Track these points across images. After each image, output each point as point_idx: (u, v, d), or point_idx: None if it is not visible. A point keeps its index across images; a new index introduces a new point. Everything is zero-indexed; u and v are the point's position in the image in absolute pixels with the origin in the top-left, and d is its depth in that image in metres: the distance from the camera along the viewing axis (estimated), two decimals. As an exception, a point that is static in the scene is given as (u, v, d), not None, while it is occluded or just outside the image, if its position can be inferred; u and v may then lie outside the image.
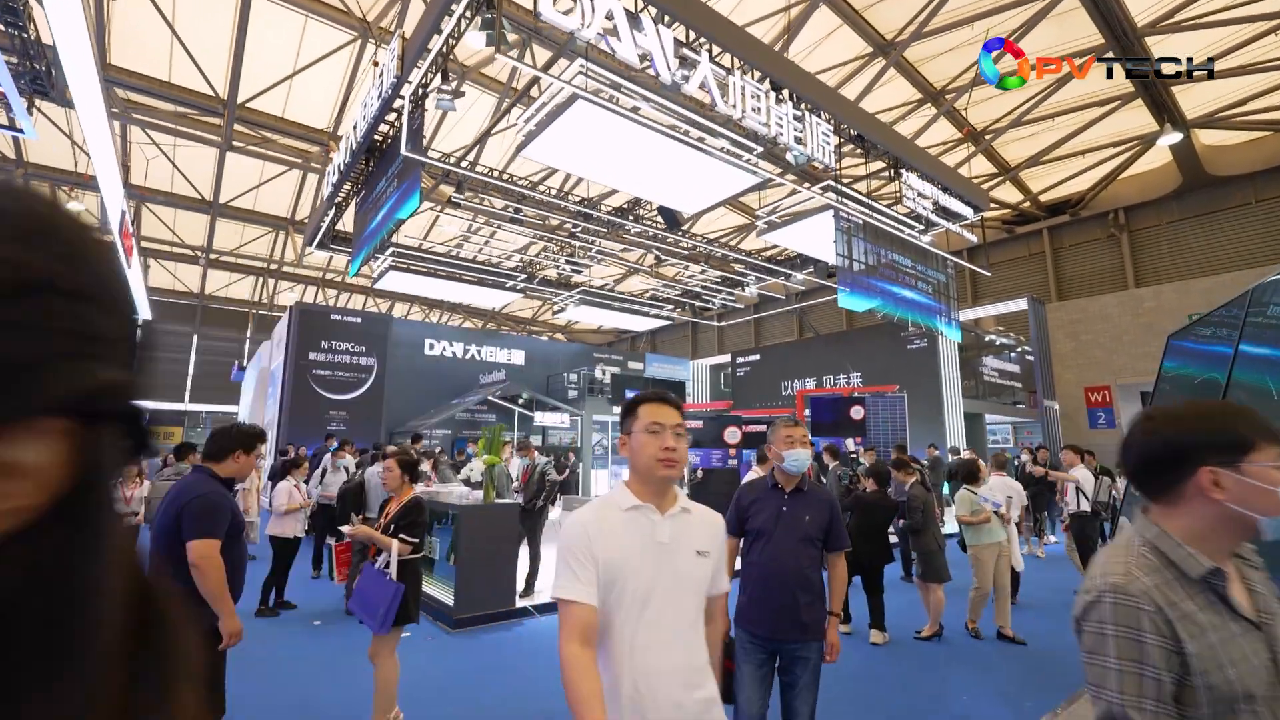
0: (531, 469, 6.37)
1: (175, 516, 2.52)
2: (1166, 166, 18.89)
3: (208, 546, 2.50)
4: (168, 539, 2.52)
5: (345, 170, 10.94)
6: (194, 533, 2.49)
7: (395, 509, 3.50)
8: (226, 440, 2.74)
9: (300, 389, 13.38)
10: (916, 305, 11.26)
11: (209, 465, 2.70)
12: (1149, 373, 18.36)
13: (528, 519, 6.30)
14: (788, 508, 2.71)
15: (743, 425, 9.31)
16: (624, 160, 9.07)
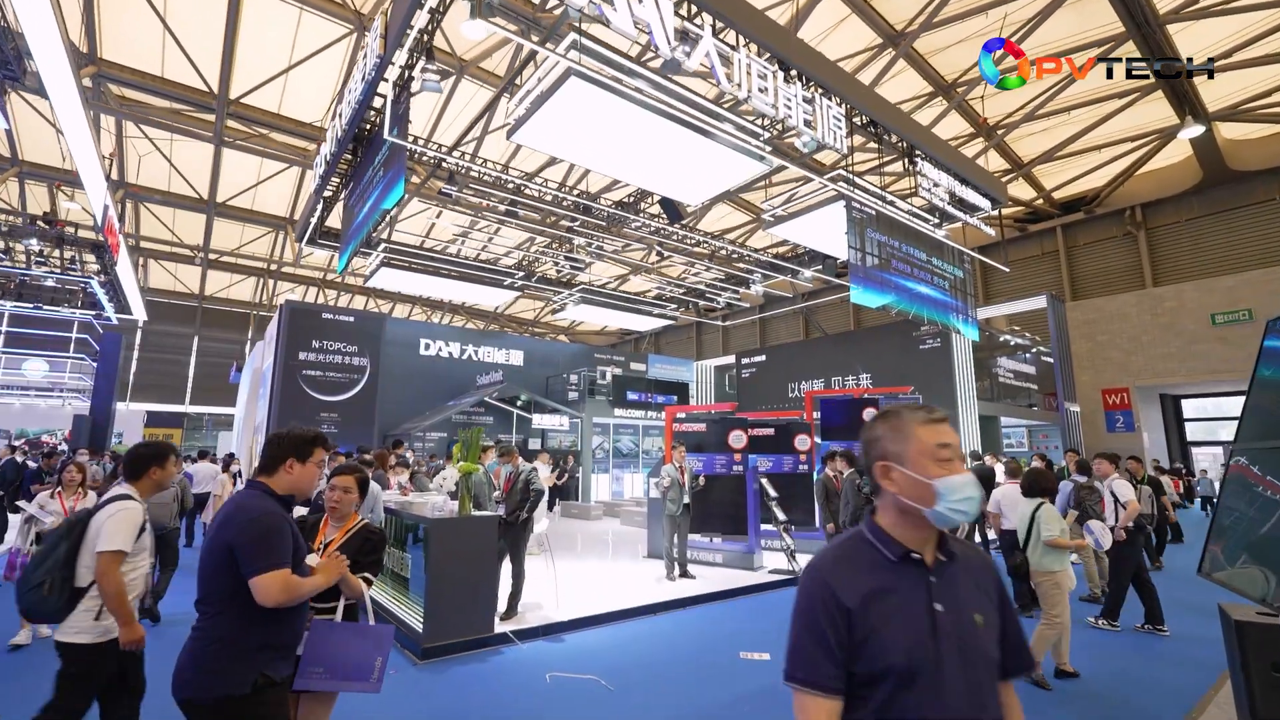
0: (514, 477, 5.66)
1: (226, 545, 2.03)
2: (1186, 161, 18.07)
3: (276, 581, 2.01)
4: (222, 577, 2.03)
5: (332, 161, 10.30)
6: (253, 567, 2.00)
7: (342, 538, 2.74)
8: (277, 448, 2.25)
9: (290, 390, 12.73)
10: (932, 302, 10.51)
11: (262, 480, 2.21)
12: (1169, 374, 17.54)
13: (509, 533, 5.58)
14: (943, 602, 1.21)
15: (749, 428, 8.57)
16: (622, 146, 8.36)
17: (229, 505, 2.14)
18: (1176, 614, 6.12)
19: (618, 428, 16.55)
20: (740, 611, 6.37)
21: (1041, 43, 13.71)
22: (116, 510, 2.65)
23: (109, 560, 2.57)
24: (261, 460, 2.23)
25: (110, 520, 2.62)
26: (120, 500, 2.71)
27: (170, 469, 2.90)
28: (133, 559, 2.74)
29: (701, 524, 8.25)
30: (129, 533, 2.65)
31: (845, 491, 6.73)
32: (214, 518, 2.15)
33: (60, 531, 2.68)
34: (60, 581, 2.56)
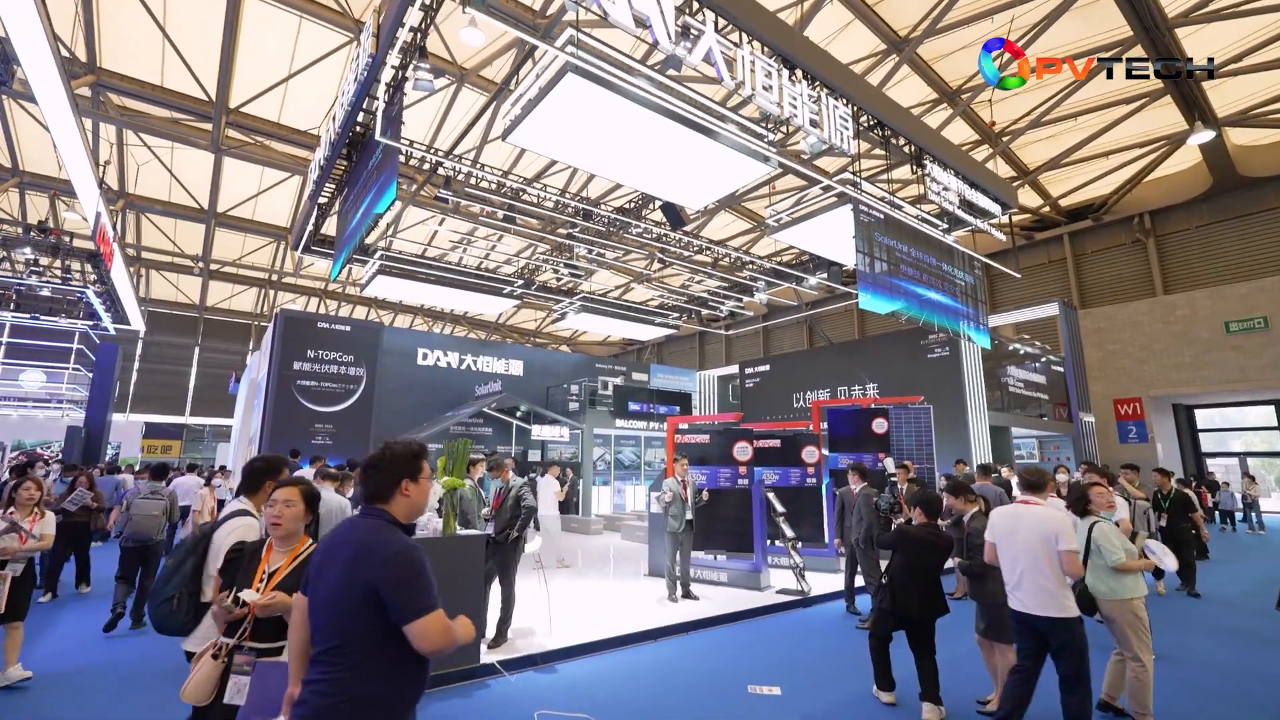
0: (504, 492, 5.23)
1: (368, 585, 1.70)
2: (1195, 168, 17.69)
3: (438, 624, 1.72)
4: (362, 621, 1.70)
5: (326, 166, 9.98)
6: (412, 610, 1.70)
7: (289, 565, 2.30)
8: (388, 470, 1.90)
9: (284, 400, 12.33)
10: (942, 308, 10.09)
11: (380, 508, 1.87)
12: (1183, 384, 17.03)
13: (499, 553, 5.14)
14: None
15: (754, 440, 8.12)
16: (621, 147, 8.01)
17: (355, 537, 1.78)
18: (1235, 646, 5.63)
19: (619, 439, 16.10)
20: (747, 637, 5.90)
21: (1048, 48, 13.40)
22: (234, 527, 2.59)
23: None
24: (371, 487, 1.88)
25: (228, 537, 2.56)
26: (238, 516, 2.65)
27: (267, 486, 2.79)
28: None
29: (705, 541, 7.79)
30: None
31: (858, 508, 6.29)
32: (332, 551, 1.81)
33: (187, 546, 2.64)
34: (187, 596, 2.53)
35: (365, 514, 1.85)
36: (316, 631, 1.76)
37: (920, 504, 4.21)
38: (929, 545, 4.10)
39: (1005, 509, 3.87)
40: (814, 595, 7.11)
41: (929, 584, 4.11)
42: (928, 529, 4.16)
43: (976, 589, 4.25)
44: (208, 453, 25.34)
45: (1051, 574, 3.50)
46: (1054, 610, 3.47)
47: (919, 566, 4.11)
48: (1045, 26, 12.60)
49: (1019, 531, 3.64)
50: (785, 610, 6.84)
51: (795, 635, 5.99)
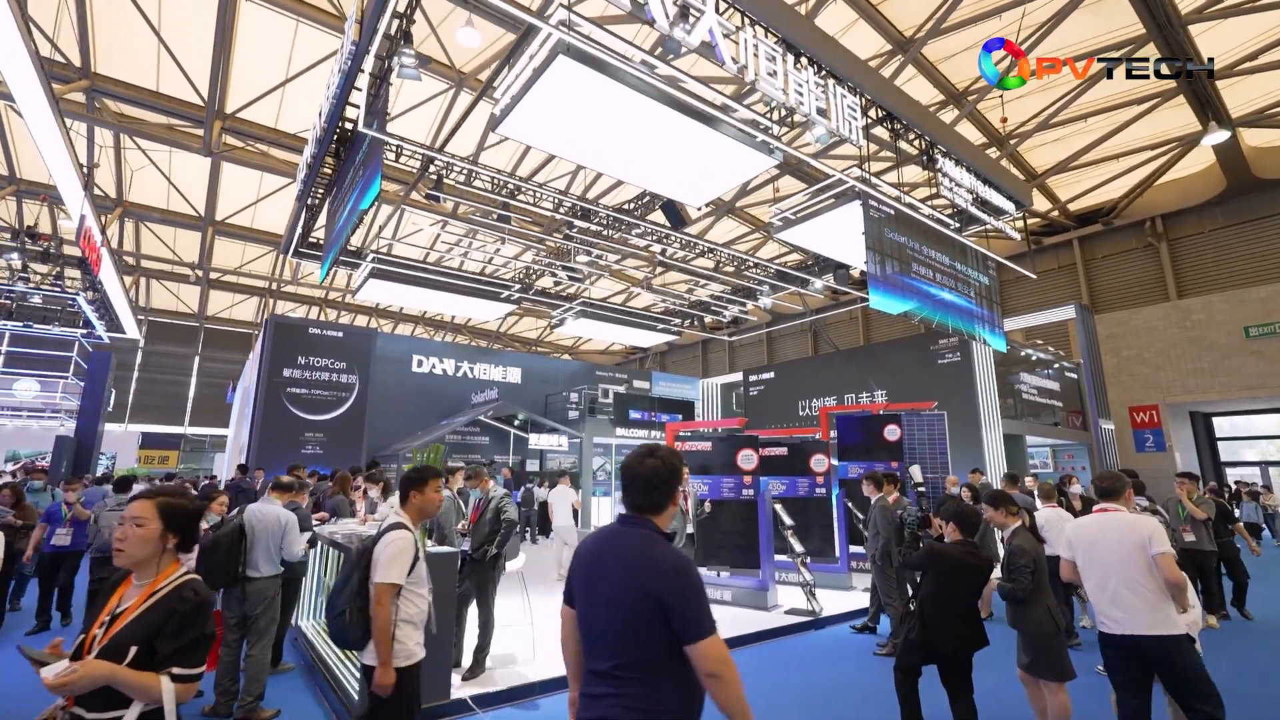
0: (483, 504, 4.64)
1: (653, 598, 1.62)
2: (1207, 170, 17.10)
3: (721, 647, 1.63)
4: (649, 635, 1.63)
5: (313, 164, 9.52)
6: (701, 628, 1.62)
7: (141, 604, 1.70)
8: (667, 479, 1.81)
9: (273, 409, 11.80)
10: (956, 309, 9.50)
11: (650, 519, 1.81)
12: (1201, 390, 16.32)
13: (476, 572, 4.55)
14: None
15: (760, 447, 7.47)
16: (617, 138, 7.49)
17: (626, 547, 1.72)
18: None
19: (620, 448, 15.48)
20: (753, 664, 5.27)
21: (1057, 46, 12.90)
22: (389, 541, 2.56)
23: (381, 592, 2.49)
24: (647, 497, 1.78)
25: (384, 551, 2.55)
26: (393, 530, 2.60)
27: (430, 493, 2.75)
28: (413, 590, 2.62)
29: (707, 556, 7.16)
30: (402, 564, 2.54)
31: (874, 520, 5.66)
32: (600, 561, 1.76)
33: (353, 560, 2.65)
34: (356, 611, 2.52)
35: (631, 523, 1.78)
36: (595, 644, 1.71)
37: (954, 518, 3.60)
38: (965, 567, 3.49)
39: (1083, 520, 3.33)
40: (826, 615, 6.47)
41: (965, 612, 3.50)
42: (963, 547, 3.55)
43: (1019, 617, 3.63)
44: (206, 463, 24.83)
45: (1150, 585, 2.97)
46: (1159, 627, 2.93)
47: (953, 592, 3.50)
48: (1055, 24, 12.12)
49: (1104, 542, 3.14)
50: (795, 633, 6.20)
51: (807, 662, 5.35)
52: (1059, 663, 3.46)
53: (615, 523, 1.84)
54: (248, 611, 4.06)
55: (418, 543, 2.65)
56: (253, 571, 4.09)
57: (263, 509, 4.21)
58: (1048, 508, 5.81)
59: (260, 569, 4.11)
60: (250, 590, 4.07)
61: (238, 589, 4.10)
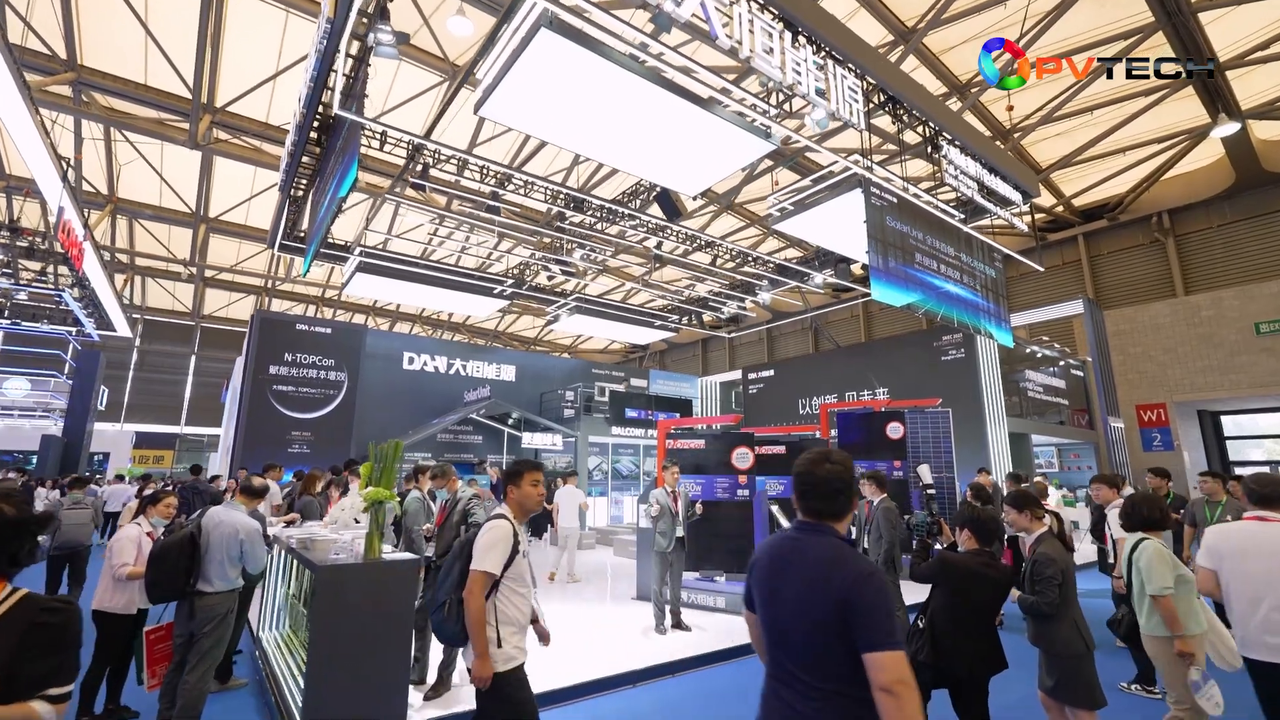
0: (449, 506, 4.21)
1: (842, 604, 1.55)
2: (1216, 164, 16.59)
3: (904, 660, 1.53)
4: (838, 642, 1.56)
5: (294, 151, 9.10)
6: (883, 637, 1.52)
7: None
8: (848, 481, 1.76)
9: (258, 407, 11.39)
10: (962, 302, 9.04)
11: (829, 524, 1.74)
12: (1210, 388, 15.80)
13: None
14: None
15: (755, 445, 7.01)
16: (606, 121, 7.07)
17: (812, 552, 1.69)
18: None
19: (617, 447, 15.05)
20: (747, 679, 4.83)
21: (1063, 36, 12.46)
22: (487, 529, 2.51)
23: (473, 580, 2.41)
24: (831, 504, 1.74)
25: (481, 539, 2.49)
26: (494, 520, 2.56)
27: (527, 487, 2.64)
28: (511, 586, 2.50)
29: (700, 560, 6.72)
30: (498, 553, 2.45)
31: (876, 523, 5.21)
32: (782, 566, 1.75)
33: (455, 550, 2.59)
34: (455, 604, 2.45)
35: (812, 530, 1.75)
36: (782, 650, 1.71)
37: (969, 524, 3.15)
38: (982, 579, 3.03)
39: (1229, 527, 2.93)
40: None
41: (981, 630, 3.05)
42: (980, 557, 3.10)
43: (1043, 634, 3.18)
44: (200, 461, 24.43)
45: None
46: None
47: (968, 607, 3.05)
48: (1060, 13, 11.67)
49: (1257, 554, 2.72)
50: (792, 643, 5.75)
51: (804, 676, 4.91)
52: (1089, 687, 3.00)
53: (792, 530, 1.81)
54: (194, 630, 3.58)
55: (518, 535, 2.55)
56: (204, 585, 3.61)
57: (222, 515, 3.76)
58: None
59: (212, 582, 3.63)
60: (199, 606, 3.59)
61: (186, 604, 3.64)
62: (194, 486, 8.52)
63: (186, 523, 3.84)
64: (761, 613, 1.79)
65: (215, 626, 3.57)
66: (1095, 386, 12.02)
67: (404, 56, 13.01)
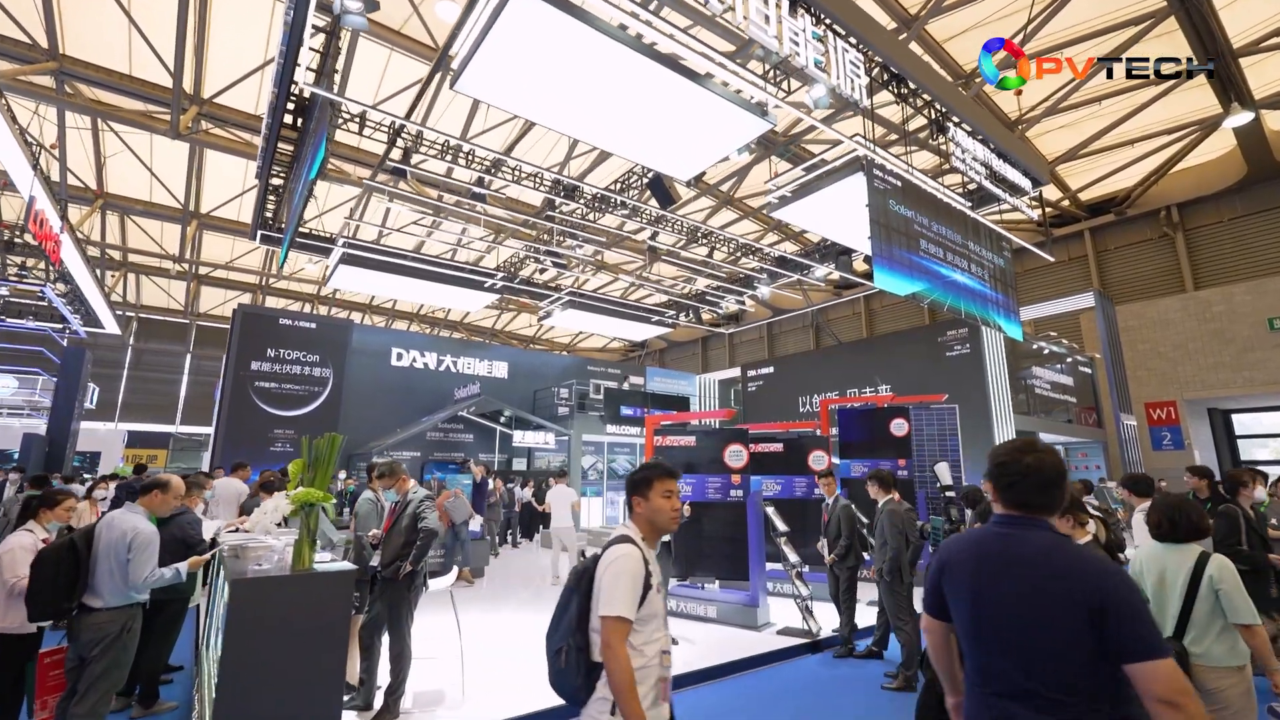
0: (398, 509, 3.68)
1: (1088, 607, 1.43)
2: (1226, 157, 15.99)
3: (1174, 669, 1.41)
4: (1078, 653, 1.43)
5: (269, 135, 8.61)
6: (1154, 645, 1.40)
7: None
8: (1063, 477, 1.64)
9: (240, 404, 10.89)
10: (969, 292, 8.48)
11: (1043, 518, 1.63)
12: (1222, 385, 15.17)
13: (388, 593, 3.58)
14: None
15: (749, 443, 6.44)
16: (590, 97, 6.55)
17: (1027, 552, 1.54)
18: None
19: (612, 446, 14.50)
20: (740, 700, 4.28)
21: (1073, 22, 11.92)
22: (611, 559, 1.83)
23: (610, 630, 1.73)
24: (1038, 494, 1.60)
25: (605, 572, 1.82)
26: (618, 544, 1.88)
27: (658, 499, 1.97)
28: (643, 629, 1.81)
29: (690, 566, 6.18)
30: (630, 589, 1.77)
31: (881, 528, 4.66)
32: (988, 568, 1.59)
33: (569, 583, 1.93)
34: (574, 651, 1.83)
35: (1022, 524, 1.60)
36: (999, 660, 1.53)
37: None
38: None
39: None
40: (825, 636, 5.46)
41: None
42: None
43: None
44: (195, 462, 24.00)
45: None
46: None
47: None
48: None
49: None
50: (789, 657, 5.19)
51: (803, 698, 4.36)
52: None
53: (995, 525, 1.67)
54: (82, 653, 3.05)
55: (650, 564, 1.89)
56: (90, 599, 3.08)
57: (115, 519, 3.23)
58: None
59: (101, 596, 3.09)
60: (85, 625, 3.06)
61: (73, 623, 3.11)
62: (130, 486, 7.79)
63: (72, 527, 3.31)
64: (967, 618, 1.63)
65: (106, 648, 3.01)
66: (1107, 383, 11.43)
67: (394, 46, 12.55)
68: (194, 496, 4.09)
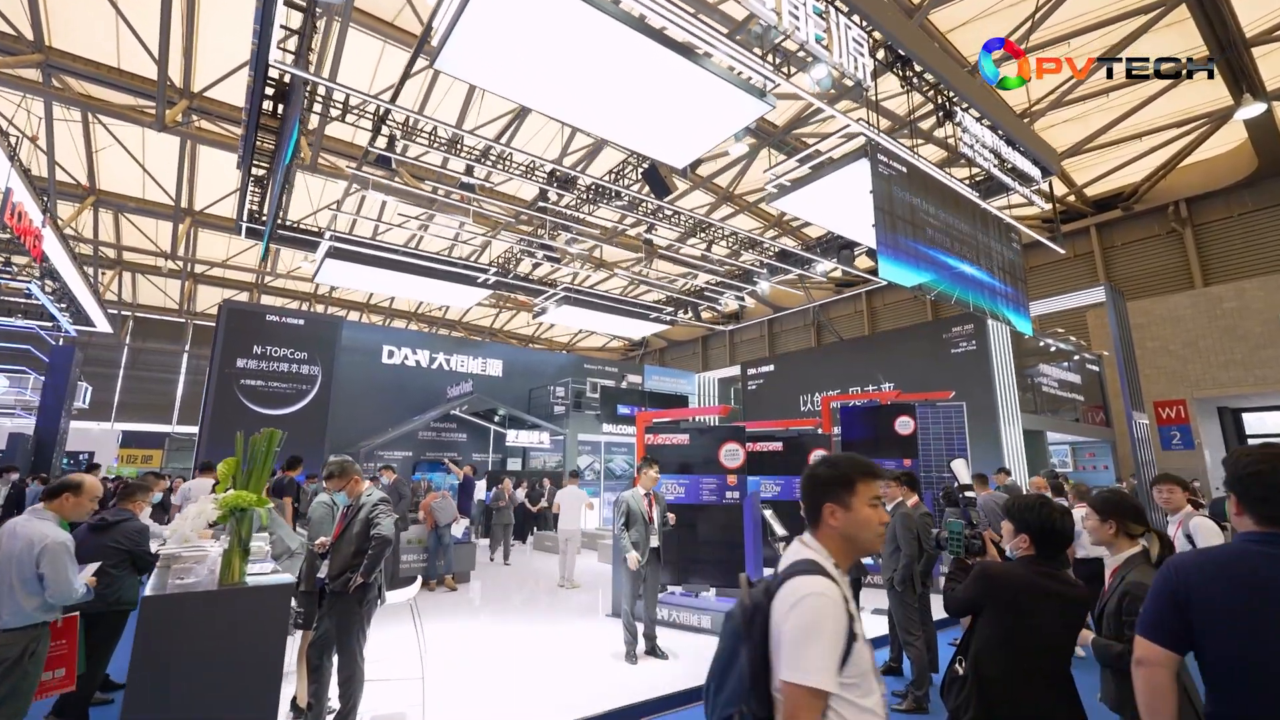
0: (349, 513, 3.26)
1: None
2: (1236, 151, 15.50)
3: None
4: None
5: (249, 121, 8.20)
6: None
7: None
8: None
9: (224, 403, 10.50)
10: (977, 285, 8.04)
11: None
12: (1234, 384, 14.67)
13: (337, 608, 3.16)
14: None
15: (746, 441, 5.97)
16: (578, 77, 6.15)
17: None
18: None
19: (610, 446, 14.07)
20: None
21: (1080, 11, 11.50)
22: (798, 597, 1.23)
23: (796, 702, 1.18)
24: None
25: (788, 620, 1.23)
26: (804, 574, 1.27)
27: (862, 508, 1.39)
28: (852, 695, 1.23)
29: (684, 573, 5.74)
30: (829, 648, 1.20)
31: (893, 533, 4.22)
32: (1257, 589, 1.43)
33: (733, 624, 1.33)
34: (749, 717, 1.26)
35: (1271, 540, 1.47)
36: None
37: (1026, 525, 2.14)
38: (1046, 596, 2.03)
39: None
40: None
41: (1048, 674, 2.05)
42: (1042, 570, 2.10)
43: (1128, 700, 2.18)
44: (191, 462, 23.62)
45: None
46: None
47: (1027, 640, 2.05)
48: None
49: None
50: (789, 673, 4.75)
51: None
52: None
53: (1256, 543, 1.49)
54: None
55: (849, 603, 1.29)
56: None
57: (19, 527, 2.81)
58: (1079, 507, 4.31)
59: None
60: None
61: None
62: (22, 489, 7.26)
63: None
64: (1233, 656, 1.47)
65: (4, 675, 2.59)
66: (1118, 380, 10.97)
67: (386, 39, 12.19)
68: (137, 501, 3.68)
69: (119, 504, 3.82)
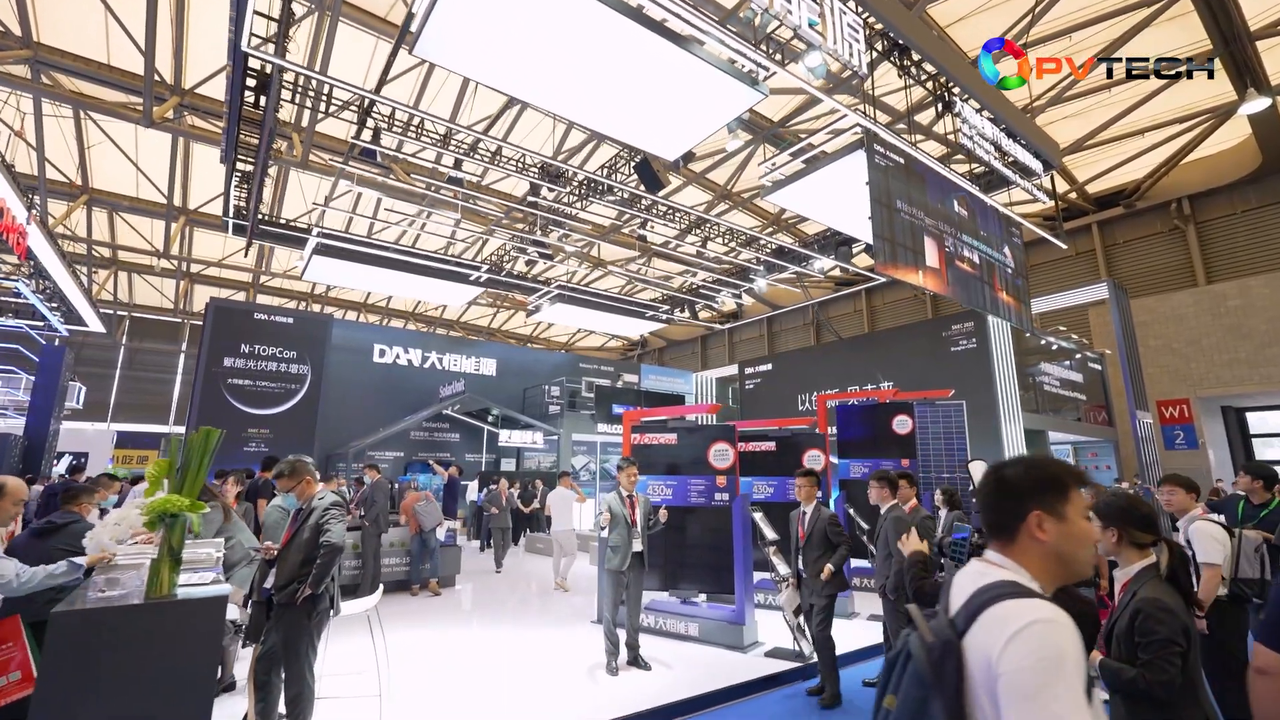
0: (299, 518, 3.02)
1: None
2: (1241, 145, 15.20)
3: None
4: None
5: (230, 113, 7.97)
6: None
7: None
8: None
9: (211, 402, 10.26)
10: (978, 280, 7.77)
11: None
12: (1238, 382, 14.36)
13: (284, 620, 2.90)
14: None
15: (737, 441, 5.69)
16: (565, 65, 5.91)
17: None
18: None
19: (605, 446, 13.81)
20: None
21: (1082, 5, 11.22)
22: (1021, 623, 0.95)
23: None
24: None
25: (1017, 654, 0.93)
26: (1012, 598, 1.01)
27: (1078, 520, 1.12)
28: None
29: (670, 578, 5.48)
30: (1076, 687, 0.90)
31: (885, 536, 3.96)
32: None
33: (922, 665, 1.02)
34: None
35: None
36: None
37: None
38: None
39: None
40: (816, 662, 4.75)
41: None
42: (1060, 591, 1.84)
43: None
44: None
45: None
46: None
47: None
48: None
49: None
50: (779, 685, 4.48)
51: (793, 737, 3.66)
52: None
53: None
54: None
55: (1075, 638, 0.98)
56: None
57: None
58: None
59: None
60: None
61: None
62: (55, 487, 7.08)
63: None
64: None
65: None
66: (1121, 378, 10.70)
67: (380, 35, 11.96)
68: (83, 504, 3.43)
69: (65, 506, 3.57)
